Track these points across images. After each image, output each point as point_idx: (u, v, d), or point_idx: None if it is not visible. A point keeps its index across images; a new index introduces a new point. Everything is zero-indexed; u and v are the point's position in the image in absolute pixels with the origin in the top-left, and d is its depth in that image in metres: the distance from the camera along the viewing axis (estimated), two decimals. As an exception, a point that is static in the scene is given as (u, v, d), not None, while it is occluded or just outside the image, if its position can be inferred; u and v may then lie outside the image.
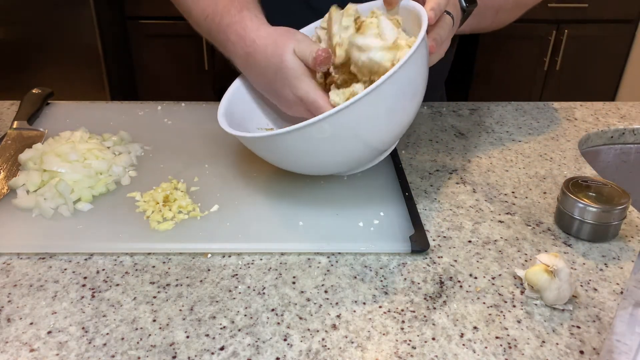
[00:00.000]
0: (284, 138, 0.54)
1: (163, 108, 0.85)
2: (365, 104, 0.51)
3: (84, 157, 0.64)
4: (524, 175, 0.71)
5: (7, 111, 0.84)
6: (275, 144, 0.56)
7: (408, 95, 0.55)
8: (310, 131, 0.52)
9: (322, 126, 0.52)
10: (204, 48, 2.19)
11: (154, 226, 0.57)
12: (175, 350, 0.44)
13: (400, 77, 0.52)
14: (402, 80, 0.53)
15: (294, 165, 0.61)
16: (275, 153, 0.59)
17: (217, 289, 0.51)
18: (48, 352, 0.44)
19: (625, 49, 2.34)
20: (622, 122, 0.87)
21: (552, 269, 0.49)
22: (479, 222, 0.61)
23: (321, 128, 0.52)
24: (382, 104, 0.53)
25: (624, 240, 0.59)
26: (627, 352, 0.37)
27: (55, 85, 0.98)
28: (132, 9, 2.16)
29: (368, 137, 0.56)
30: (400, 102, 0.55)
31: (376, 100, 0.52)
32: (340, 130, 0.53)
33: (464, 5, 0.64)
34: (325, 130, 0.52)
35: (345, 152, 0.57)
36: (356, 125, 0.53)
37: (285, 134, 0.53)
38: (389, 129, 0.57)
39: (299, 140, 0.54)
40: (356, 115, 0.52)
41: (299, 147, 0.55)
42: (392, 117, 0.56)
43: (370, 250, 0.56)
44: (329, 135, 0.53)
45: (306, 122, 0.51)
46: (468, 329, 0.47)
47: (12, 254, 0.55)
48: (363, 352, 0.45)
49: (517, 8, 0.80)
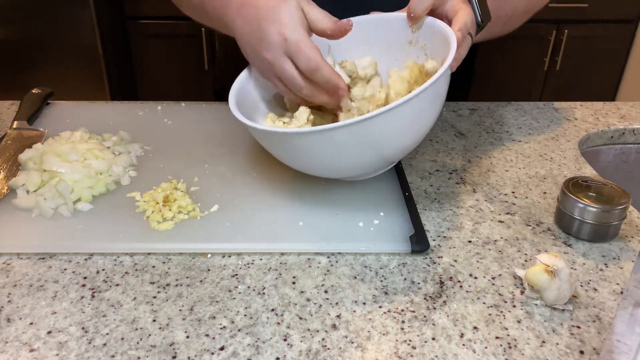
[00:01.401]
0: (302, 137, 0.54)
1: (163, 108, 0.85)
2: (391, 115, 0.52)
3: (84, 157, 0.64)
4: (524, 175, 0.71)
5: (7, 111, 0.85)
6: (291, 141, 0.55)
7: (431, 109, 0.57)
8: (333, 134, 0.52)
9: (344, 131, 0.52)
10: (204, 48, 2.19)
11: (154, 226, 0.57)
12: (175, 350, 0.44)
13: (429, 92, 0.53)
14: (429, 96, 0.55)
15: (302, 165, 0.60)
16: (288, 151, 0.58)
17: (217, 289, 0.51)
18: (48, 352, 0.44)
19: (625, 49, 2.33)
20: (622, 122, 0.87)
21: (552, 269, 0.49)
22: (479, 222, 0.61)
23: (347, 132, 0.52)
24: (408, 116, 0.54)
25: (624, 240, 0.59)
26: (627, 352, 0.37)
27: (55, 85, 0.98)
28: (132, 9, 2.16)
29: (386, 147, 0.57)
30: (426, 115, 0.57)
31: (407, 110, 0.53)
32: (360, 138, 0.53)
33: (479, 21, 0.64)
34: (345, 135, 0.53)
35: (359, 158, 0.57)
36: (378, 136, 0.54)
37: (304, 134, 0.53)
38: (407, 141, 0.58)
39: (317, 142, 0.54)
40: (380, 125, 0.53)
41: (316, 148, 0.55)
42: (414, 130, 0.57)
43: (370, 250, 0.56)
44: (349, 141, 0.53)
45: (331, 125, 0.52)
46: (468, 329, 0.47)
47: (12, 254, 0.55)
48: (363, 352, 0.45)
49: (525, 15, 0.81)
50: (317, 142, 0.54)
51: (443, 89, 0.58)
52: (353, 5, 0.68)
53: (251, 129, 0.58)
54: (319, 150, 0.55)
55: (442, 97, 0.58)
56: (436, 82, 0.53)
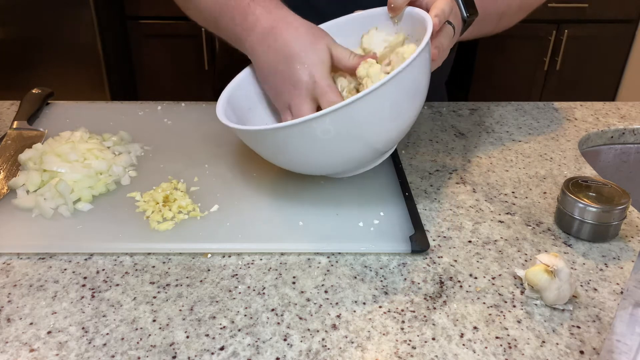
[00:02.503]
0: (283, 132, 0.54)
1: (163, 108, 0.85)
2: (369, 101, 0.51)
3: (84, 157, 0.64)
4: (524, 175, 0.71)
5: (7, 111, 0.85)
6: (273, 138, 0.55)
7: (411, 94, 0.56)
8: (312, 125, 0.52)
9: (325, 121, 0.52)
10: (204, 48, 2.19)
11: (154, 226, 0.57)
12: (175, 350, 0.44)
13: (404, 76, 0.52)
14: (406, 80, 0.54)
15: (290, 162, 0.60)
16: (272, 148, 0.58)
17: (217, 289, 0.51)
18: (48, 352, 0.44)
19: (625, 49, 2.33)
20: (622, 122, 0.87)
21: (552, 269, 0.49)
22: (479, 222, 0.61)
23: (323, 123, 0.52)
24: (386, 101, 0.53)
25: (624, 240, 0.59)
26: (627, 352, 0.37)
27: (55, 85, 0.98)
28: (131, 8, 2.16)
29: (369, 136, 0.56)
30: (404, 101, 0.56)
31: (380, 97, 0.52)
32: (341, 126, 0.53)
33: (464, 15, 0.64)
34: (326, 125, 0.52)
35: (344, 151, 0.57)
36: (358, 123, 0.53)
37: (284, 128, 0.53)
38: (390, 128, 0.57)
39: (298, 135, 0.54)
40: (360, 112, 0.52)
41: (298, 143, 0.55)
42: (394, 116, 0.56)
43: (370, 250, 0.56)
44: (330, 131, 0.53)
45: (309, 116, 0.51)
46: (468, 329, 0.47)
47: (12, 254, 0.55)
48: (363, 352, 0.45)
49: (521, 12, 0.80)
50: (295, 137, 0.54)
51: (421, 72, 0.56)
52: (350, 4, 0.68)
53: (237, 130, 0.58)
54: (300, 145, 0.55)
55: (422, 82, 0.57)
56: (411, 64, 0.52)
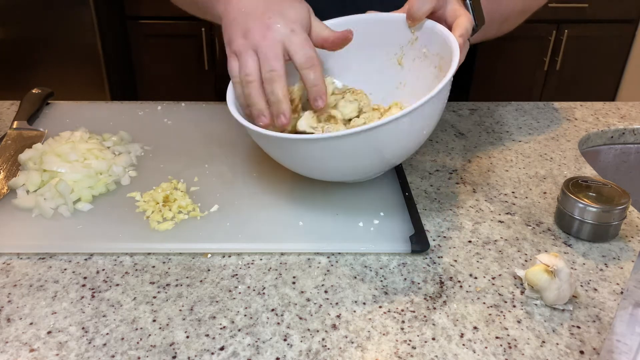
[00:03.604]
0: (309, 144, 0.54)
1: (163, 108, 0.85)
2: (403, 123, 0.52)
3: (84, 157, 0.64)
4: (524, 175, 0.71)
5: (7, 111, 0.85)
6: (294, 146, 0.55)
7: (435, 115, 0.58)
8: (341, 142, 0.52)
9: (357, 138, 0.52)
10: (204, 48, 2.19)
11: (154, 226, 0.57)
12: (175, 350, 0.44)
13: (437, 99, 0.54)
14: (437, 103, 0.55)
15: (304, 169, 0.60)
16: (293, 156, 0.58)
17: (217, 289, 0.51)
18: (48, 352, 0.44)
19: (625, 49, 2.33)
20: (622, 122, 0.87)
21: (552, 269, 0.49)
22: (479, 222, 0.61)
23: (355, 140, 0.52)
24: (417, 123, 0.55)
25: (624, 240, 0.59)
26: (627, 352, 0.37)
27: (55, 85, 0.98)
28: (132, 9, 2.16)
29: (391, 152, 0.57)
30: (427, 123, 0.57)
31: (413, 119, 0.53)
32: (369, 143, 0.53)
33: (474, 25, 0.64)
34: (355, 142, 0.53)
35: (360, 164, 0.58)
36: (387, 140, 0.54)
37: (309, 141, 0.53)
38: (411, 145, 0.58)
39: (320, 148, 0.54)
40: (390, 132, 0.53)
41: (319, 154, 0.55)
42: (420, 134, 0.57)
43: (370, 250, 0.56)
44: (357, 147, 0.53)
45: (339, 132, 0.51)
46: (468, 329, 0.47)
47: (12, 254, 0.55)
48: (363, 352, 0.45)
49: (523, 14, 0.80)
50: (323, 149, 0.54)
51: (447, 94, 0.58)
52: (349, 5, 0.68)
53: (252, 132, 0.57)
54: (324, 157, 0.55)
55: (445, 102, 0.59)
56: (443, 88, 0.53)
